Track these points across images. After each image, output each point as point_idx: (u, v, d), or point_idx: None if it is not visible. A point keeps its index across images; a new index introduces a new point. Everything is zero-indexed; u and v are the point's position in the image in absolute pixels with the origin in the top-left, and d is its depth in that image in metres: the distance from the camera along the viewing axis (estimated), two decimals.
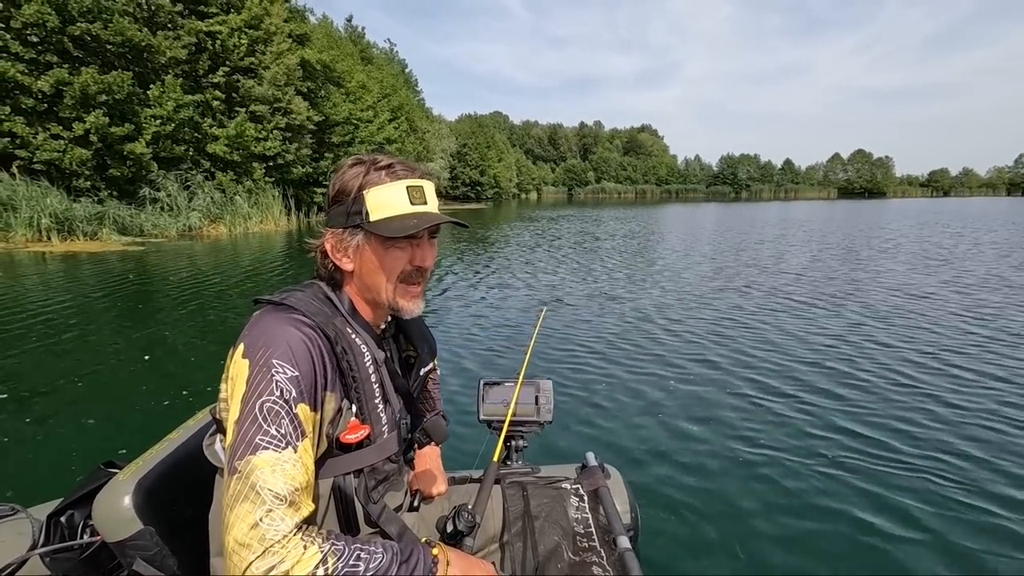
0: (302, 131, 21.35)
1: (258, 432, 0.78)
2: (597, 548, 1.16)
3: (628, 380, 4.12)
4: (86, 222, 13.51)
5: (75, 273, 9.08)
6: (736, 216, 31.06)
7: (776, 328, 5.66)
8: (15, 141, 13.74)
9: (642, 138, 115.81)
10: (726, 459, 2.92)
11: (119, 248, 12.60)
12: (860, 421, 3.38)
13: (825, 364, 4.47)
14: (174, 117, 16.08)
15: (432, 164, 39.24)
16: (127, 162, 15.41)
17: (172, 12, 16.67)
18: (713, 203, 62.74)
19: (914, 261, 10.88)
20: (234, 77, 18.37)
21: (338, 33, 33.35)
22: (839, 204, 57.12)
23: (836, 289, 7.83)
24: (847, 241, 15.32)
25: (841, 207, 46.58)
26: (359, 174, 0.95)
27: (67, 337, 5.13)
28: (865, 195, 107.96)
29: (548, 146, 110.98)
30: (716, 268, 10.13)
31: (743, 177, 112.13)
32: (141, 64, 16.00)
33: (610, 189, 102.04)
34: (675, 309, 6.62)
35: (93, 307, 6.51)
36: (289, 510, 0.77)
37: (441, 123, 50.87)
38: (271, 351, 0.82)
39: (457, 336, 5.40)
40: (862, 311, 6.39)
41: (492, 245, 14.46)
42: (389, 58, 40.89)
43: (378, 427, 0.98)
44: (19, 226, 12.42)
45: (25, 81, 13.57)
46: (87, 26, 14.29)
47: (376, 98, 29.62)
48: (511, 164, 66.52)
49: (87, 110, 14.31)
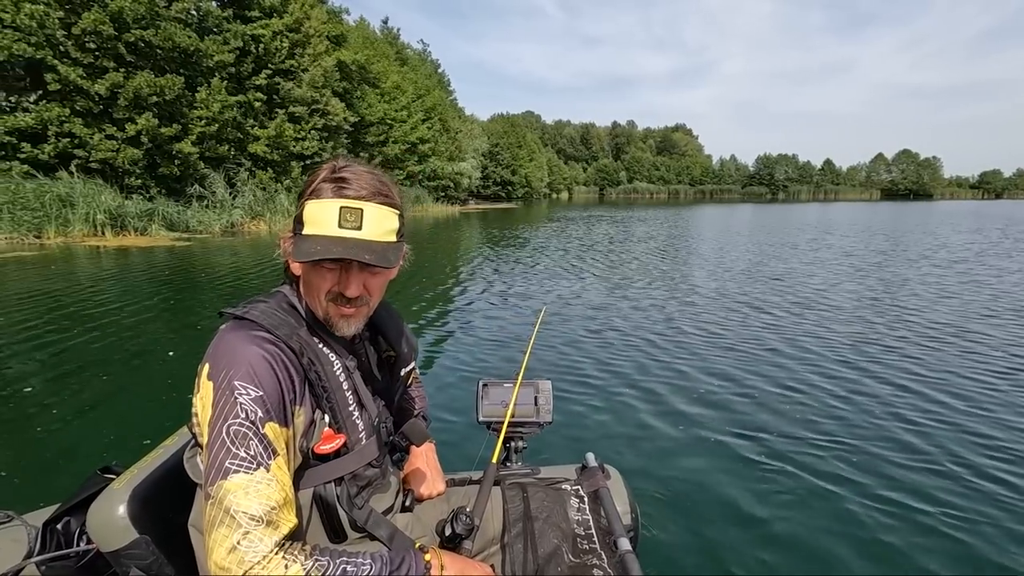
0: (338, 131, 21.93)
1: (227, 456, 0.78)
2: (598, 550, 1.16)
3: (628, 380, 4.12)
4: (137, 218, 14.28)
5: (125, 267, 9.65)
6: (772, 217, 30.43)
7: (778, 330, 5.66)
8: (74, 141, 14.60)
9: (676, 137, 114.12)
10: (727, 460, 2.93)
11: (167, 243, 13.26)
12: (860, 422, 3.41)
13: (825, 365, 4.48)
14: (219, 118, 16.78)
15: (464, 164, 39.60)
16: (175, 161, 16.16)
17: (219, 17, 17.39)
18: (748, 204, 61.48)
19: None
20: (275, 79, 19.03)
21: (374, 35, 34.01)
22: (883, 205, 55.18)
23: (842, 289, 7.72)
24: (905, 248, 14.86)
25: (887, 208, 44.98)
26: (315, 180, 0.92)
27: (96, 331, 5.46)
28: (911, 196, 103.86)
29: (580, 146, 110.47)
30: (727, 269, 10.06)
31: (780, 178, 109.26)
32: (190, 68, 16.74)
33: (642, 189, 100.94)
34: (676, 311, 6.63)
35: (133, 301, 6.80)
36: (267, 530, 0.77)
37: (473, 123, 51.27)
38: (233, 372, 0.81)
39: (457, 336, 5.43)
40: (875, 314, 6.31)
41: (506, 247, 14.59)
42: (423, 58, 41.45)
43: (355, 434, 0.97)
44: (77, 221, 13.20)
45: (84, 84, 14.41)
46: (141, 32, 15.06)
47: (410, 98, 30.14)
48: (542, 164, 66.51)
49: (139, 112, 15.09)
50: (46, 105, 14.21)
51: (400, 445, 1.23)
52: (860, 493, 2.61)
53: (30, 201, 12.81)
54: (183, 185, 16.72)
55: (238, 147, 18.27)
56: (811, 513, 2.45)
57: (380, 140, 27.23)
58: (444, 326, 5.89)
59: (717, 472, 2.80)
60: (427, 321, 6.06)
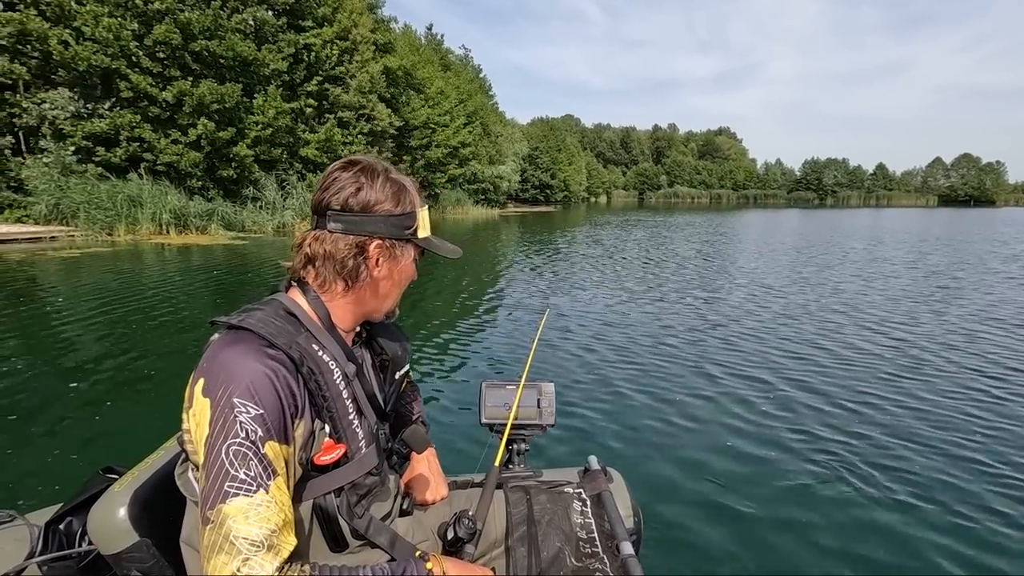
0: (384, 136, 22.60)
1: (226, 479, 0.75)
2: (600, 554, 1.15)
3: (630, 383, 4.12)
4: (198, 218, 15.17)
5: (188, 263, 10.29)
6: (822, 222, 29.52)
7: (781, 333, 5.66)
8: (142, 145, 15.61)
9: (719, 141, 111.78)
10: (729, 463, 2.93)
11: (225, 242, 14.02)
12: (858, 423, 3.43)
13: (826, 366, 4.53)
14: (273, 123, 17.61)
15: (503, 167, 40.01)
16: (232, 164, 17.04)
17: (275, 27, 18.25)
18: (795, 209, 59.80)
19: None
20: (325, 86, 19.80)
21: (419, 42, 34.82)
22: (942, 212, 52.63)
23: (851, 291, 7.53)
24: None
25: (946, 215, 42.94)
26: (407, 188, 0.98)
27: (161, 321, 5.91)
28: (971, 203, 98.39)
29: (620, 149, 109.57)
30: (738, 276, 9.91)
31: (829, 182, 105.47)
32: (248, 75, 17.63)
33: (683, 193, 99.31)
34: (679, 313, 6.64)
35: (179, 297, 7.12)
36: (268, 555, 0.75)
37: (513, 127, 51.70)
38: (232, 389, 0.78)
39: (459, 337, 5.46)
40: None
41: (538, 252, 14.69)
42: (465, 64, 42.13)
43: (355, 443, 0.94)
44: (144, 220, 14.12)
45: (153, 92, 15.39)
46: (205, 43, 15.97)
47: (453, 103, 30.72)
48: (581, 167, 66.39)
49: (200, 117, 16.01)
50: (119, 112, 15.25)
51: (401, 451, 1.23)
52: (864, 497, 2.62)
53: (103, 201, 13.82)
54: (239, 187, 17.61)
55: (290, 151, 19.10)
56: (814, 518, 2.45)
57: (423, 144, 27.87)
58: (446, 327, 5.90)
59: (720, 476, 2.79)
60: (428, 324, 6.09)
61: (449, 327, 5.88)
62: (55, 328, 5.40)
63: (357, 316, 1.01)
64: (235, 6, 17.02)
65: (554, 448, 2.98)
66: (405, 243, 0.98)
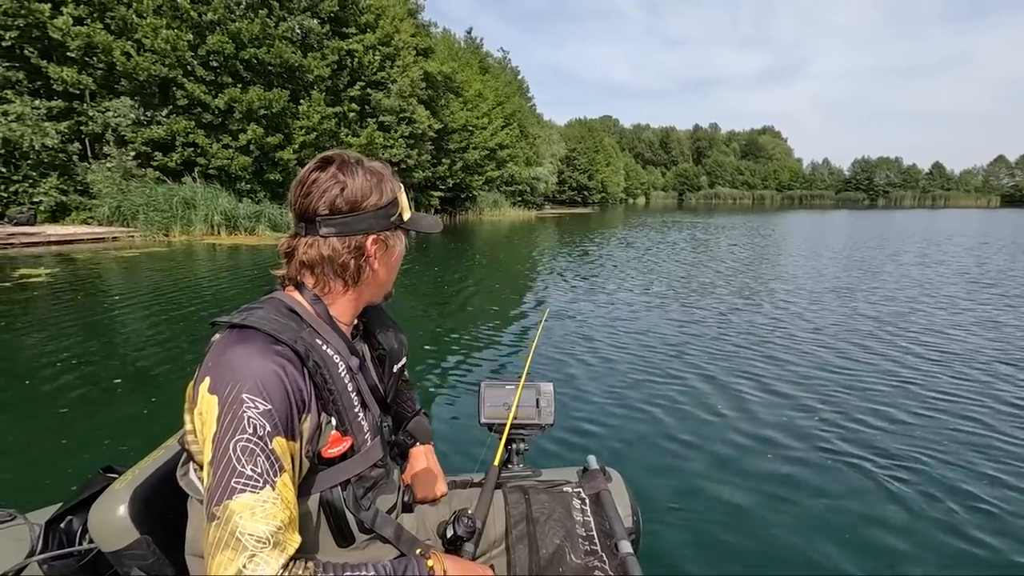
0: (423, 138, 22.99)
1: (233, 475, 0.75)
2: (599, 552, 1.16)
3: (630, 383, 4.11)
4: (247, 219, 15.82)
5: (236, 261, 10.75)
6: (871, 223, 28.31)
7: (782, 333, 5.61)
8: (196, 150, 16.40)
9: (763, 140, 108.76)
10: (728, 462, 2.92)
11: (272, 242, 14.56)
12: (858, 423, 3.38)
13: (825, 367, 4.48)
14: (318, 128, 18.18)
15: (541, 168, 40.05)
16: (278, 167, 17.70)
17: (320, 34, 18.85)
18: (843, 211, 57.40)
19: None
20: (367, 91, 20.32)
21: (459, 46, 35.26)
22: (1006, 212, 49.71)
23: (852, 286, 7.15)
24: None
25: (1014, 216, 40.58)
26: (384, 175, 0.97)
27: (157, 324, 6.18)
28: None
29: (659, 150, 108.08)
30: (737, 274, 9.58)
31: (880, 183, 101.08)
32: (294, 82, 18.27)
33: (724, 194, 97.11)
34: (678, 314, 6.55)
35: (214, 294, 7.43)
36: (274, 552, 0.75)
37: (551, 128, 51.68)
38: (240, 385, 0.78)
39: (460, 337, 5.46)
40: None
41: (572, 256, 14.62)
42: (503, 66, 42.40)
43: (360, 436, 0.95)
44: (197, 221, 14.83)
45: (206, 100, 16.15)
46: (254, 51, 16.65)
47: (491, 106, 30.98)
48: (619, 168, 65.81)
49: (249, 123, 16.70)
50: (175, 118, 16.08)
51: (403, 444, 1.25)
52: (865, 497, 2.58)
53: (160, 203, 14.60)
54: (285, 190, 18.22)
55: None
56: (813, 517, 2.44)
57: (462, 146, 28.21)
58: (446, 327, 5.91)
59: (719, 475, 2.79)
60: (428, 323, 6.14)
61: (449, 327, 5.92)
62: (115, 320, 5.75)
63: (357, 308, 1.02)
64: (281, 15, 17.68)
65: (553, 448, 2.99)
66: (395, 230, 1.00)
